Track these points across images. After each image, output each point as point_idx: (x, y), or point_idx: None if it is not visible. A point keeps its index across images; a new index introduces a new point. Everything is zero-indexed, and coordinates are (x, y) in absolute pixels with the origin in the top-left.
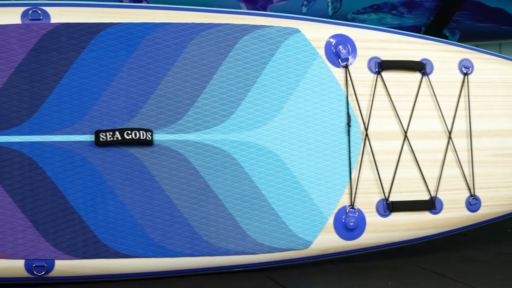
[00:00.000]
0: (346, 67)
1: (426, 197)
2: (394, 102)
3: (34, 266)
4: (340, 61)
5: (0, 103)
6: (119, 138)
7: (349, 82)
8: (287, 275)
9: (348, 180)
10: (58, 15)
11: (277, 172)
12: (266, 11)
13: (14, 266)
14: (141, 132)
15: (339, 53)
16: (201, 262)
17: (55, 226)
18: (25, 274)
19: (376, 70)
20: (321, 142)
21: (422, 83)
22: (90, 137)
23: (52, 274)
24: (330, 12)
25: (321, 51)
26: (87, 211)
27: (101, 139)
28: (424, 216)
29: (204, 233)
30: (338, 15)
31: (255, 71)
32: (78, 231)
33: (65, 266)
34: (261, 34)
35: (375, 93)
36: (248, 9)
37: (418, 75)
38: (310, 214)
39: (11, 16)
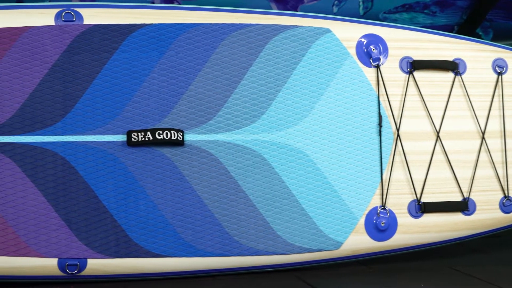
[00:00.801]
0: (377, 67)
1: (459, 198)
2: (426, 102)
3: (67, 265)
4: (371, 61)
5: (34, 104)
6: (151, 138)
7: (381, 82)
8: (317, 275)
9: (380, 180)
10: (91, 16)
11: (308, 173)
12: (296, 11)
13: (47, 265)
14: (172, 132)
15: (370, 53)
16: (232, 262)
17: (88, 225)
18: (58, 272)
19: (408, 70)
20: (352, 143)
21: (455, 83)
22: (122, 137)
23: (84, 272)
24: (361, 11)
25: (352, 51)
26: (119, 210)
27: (133, 139)
28: (457, 218)
29: (234, 233)
30: (369, 14)
31: (285, 71)
32: (110, 230)
33: (97, 265)
34: (291, 34)
35: (407, 93)
36: (279, 9)
37: (450, 74)
38: (341, 214)
39: (45, 18)
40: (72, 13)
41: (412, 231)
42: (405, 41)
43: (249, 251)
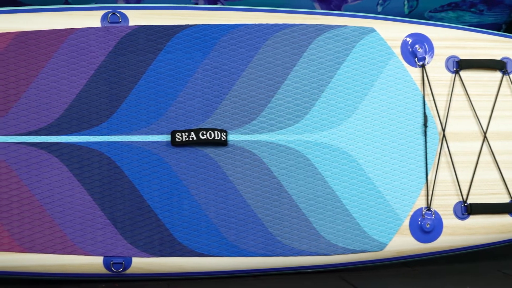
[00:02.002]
0: (423, 66)
1: (506, 199)
2: (472, 102)
3: (112, 263)
4: (416, 61)
5: (81, 104)
6: (195, 138)
7: (426, 82)
8: (361, 277)
9: (425, 181)
10: (136, 18)
11: (351, 173)
12: (340, 10)
13: (93, 263)
14: (216, 132)
15: (415, 52)
16: (275, 262)
17: (133, 224)
18: (103, 270)
19: (454, 69)
20: (397, 143)
21: (503, 82)
22: (166, 137)
23: (129, 271)
24: (406, 10)
25: (397, 51)
26: (163, 210)
27: (177, 139)
28: (504, 220)
29: (277, 233)
30: (414, 13)
31: (329, 71)
32: (155, 229)
33: (142, 264)
34: (335, 34)
35: (453, 92)
36: (322, 9)
37: (498, 74)
38: (385, 215)
39: (91, 20)
40: (118, 15)
41: (458, 233)
42: (451, 40)
43: (292, 252)
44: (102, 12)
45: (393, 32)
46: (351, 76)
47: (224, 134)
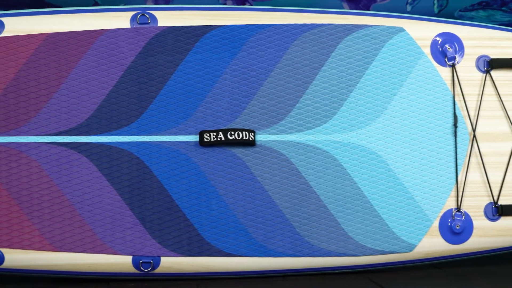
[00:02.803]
0: (453, 66)
1: None
2: (504, 102)
3: (141, 262)
4: (446, 60)
5: (110, 105)
6: (223, 138)
7: (456, 82)
8: (390, 278)
9: (455, 182)
10: (165, 19)
11: (380, 174)
12: (369, 10)
13: (122, 262)
14: (244, 132)
15: (445, 52)
16: (303, 262)
17: (161, 224)
18: (132, 269)
19: (485, 69)
20: (426, 143)
21: None
22: (195, 138)
23: (158, 270)
24: (436, 10)
25: (427, 50)
26: (191, 209)
27: (205, 140)
28: None
29: (305, 233)
30: (444, 12)
31: (358, 71)
32: (183, 229)
33: (170, 263)
34: (364, 34)
35: (484, 92)
36: (351, 8)
37: None
38: (414, 216)
39: (121, 21)
40: (147, 16)
41: (489, 235)
42: (481, 40)
43: (320, 252)
44: (131, 13)
45: (423, 31)
46: (380, 76)
47: (252, 134)
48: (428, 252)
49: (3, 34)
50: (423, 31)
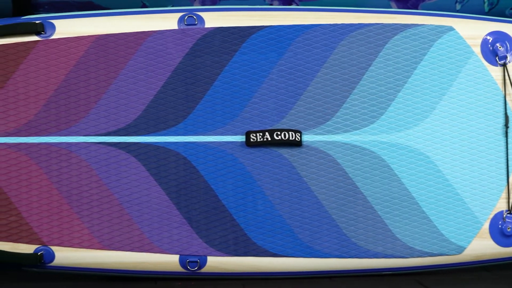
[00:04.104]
0: (504, 65)
1: None
2: None
3: (188, 262)
4: (497, 59)
5: (158, 105)
6: (269, 138)
7: (507, 81)
8: (439, 280)
9: (506, 184)
10: (212, 20)
11: (429, 175)
12: (417, 9)
13: (169, 261)
14: (290, 133)
15: (496, 51)
16: (349, 264)
17: (208, 224)
18: (179, 269)
19: None
20: (476, 144)
21: None
22: (241, 138)
23: (204, 270)
24: (486, 8)
25: (477, 49)
26: (237, 209)
27: (251, 140)
28: None
29: (352, 234)
30: (495, 11)
31: (406, 71)
32: (229, 229)
33: (216, 263)
34: (412, 33)
35: None
36: (399, 7)
37: None
38: (464, 218)
39: (168, 22)
40: (194, 17)
41: None
42: None
43: (367, 254)
44: (178, 15)
45: (473, 30)
46: (429, 76)
47: (299, 134)
48: (478, 254)
49: (54, 36)
50: (473, 30)
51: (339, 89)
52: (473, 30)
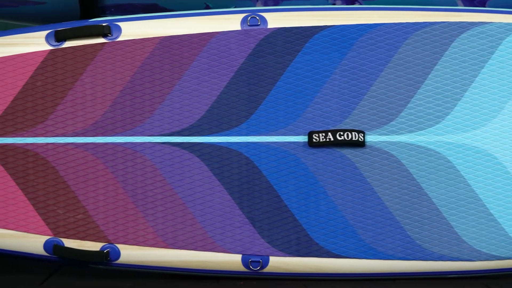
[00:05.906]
0: None
1: None
2: None
3: (250, 261)
4: None
5: (221, 106)
6: (332, 139)
7: None
8: (507, 285)
9: None
10: (275, 20)
11: (496, 176)
12: (484, 6)
13: (232, 260)
14: (353, 133)
15: None
16: (414, 266)
17: (270, 224)
18: (241, 268)
19: None
20: None
21: None
22: (304, 138)
23: (266, 269)
24: None
25: None
26: (300, 210)
27: (314, 140)
28: None
29: (417, 236)
30: None
31: (473, 70)
32: (292, 229)
33: (278, 263)
34: (479, 32)
35: None
36: (465, 5)
37: None
38: None
39: (232, 23)
40: (257, 18)
41: None
42: None
43: (432, 256)
44: (241, 16)
45: None
46: (497, 75)
47: (362, 135)
48: None
49: (120, 38)
50: None
51: (404, 89)
52: None
